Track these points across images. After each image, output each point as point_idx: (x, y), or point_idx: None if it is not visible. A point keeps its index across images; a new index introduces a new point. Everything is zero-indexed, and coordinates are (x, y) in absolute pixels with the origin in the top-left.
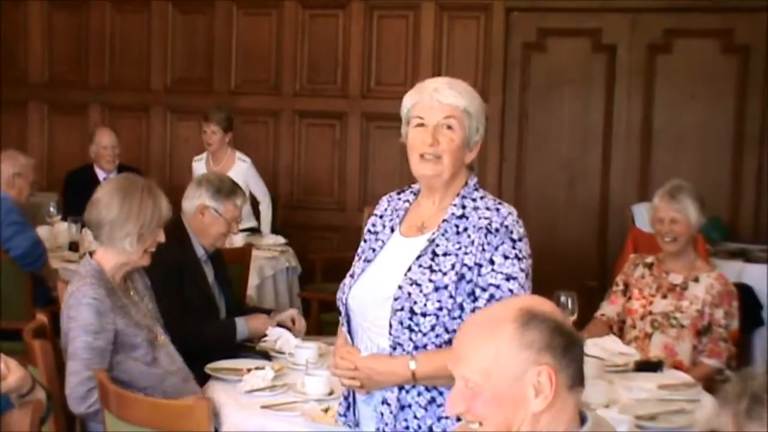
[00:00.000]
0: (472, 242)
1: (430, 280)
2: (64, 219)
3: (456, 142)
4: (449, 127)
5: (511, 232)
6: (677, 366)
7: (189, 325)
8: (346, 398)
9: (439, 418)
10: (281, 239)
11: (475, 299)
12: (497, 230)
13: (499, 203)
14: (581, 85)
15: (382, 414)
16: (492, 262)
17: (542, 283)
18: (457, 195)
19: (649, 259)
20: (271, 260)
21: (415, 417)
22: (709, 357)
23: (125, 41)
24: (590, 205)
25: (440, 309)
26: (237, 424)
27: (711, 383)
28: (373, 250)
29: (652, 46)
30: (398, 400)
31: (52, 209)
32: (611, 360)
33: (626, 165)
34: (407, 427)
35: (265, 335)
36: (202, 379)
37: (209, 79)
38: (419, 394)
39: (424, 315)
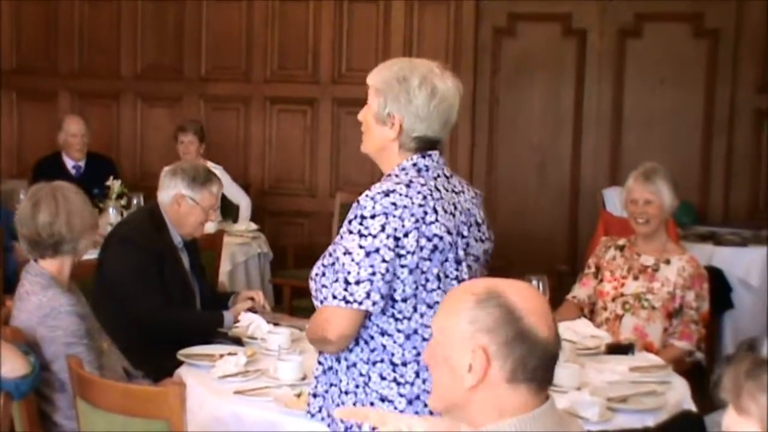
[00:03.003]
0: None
1: (327, 249)
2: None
3: (366, 118)
4: (367, 104)
5: (364, 208)
6: (647, 348)
7: (172, 313)
8: None
9: (331, 385)
10: (253, 225)
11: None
12: (355, 204)
13: (387, 179)
14: (552, 70)
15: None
16: (342, 235)
17: (513, 266)
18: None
19: (621, 242)
20: (242, 246)
21: (327, 381)
22: (680, 339)
23: (94, 28)
24: (561, 190)
25: (316, 274)
26: (209, 409)
27: (681, 365)
28: None
29: (622, 31)
30: (319, 362)
31: (22, 197)
32: (582, 343)
33: (597, 149)
34: (327, 390)
35: (237, 321)
36: (175, 364)
37: (179, 65)
38: (326, 358)
39: (311, 278)
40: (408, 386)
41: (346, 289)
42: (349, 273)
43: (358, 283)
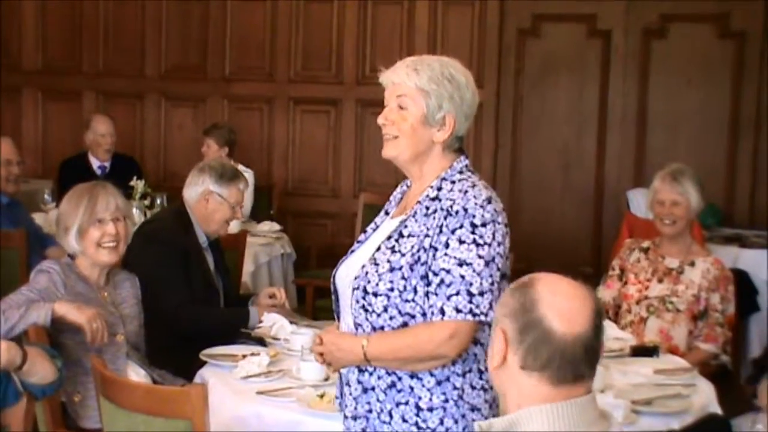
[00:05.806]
0: (435, 225)
1: (388, 261)
2: (58, 207)
3: (409, 121)
4: (401, 107)
5: (473, 216)
6: (672, 350)
7: (198, 310)
8: (340, 381)
9: (397, 404)
10: (276, 226)
11: (429, 283)
12: (456, 213)
13: (473, 185)
14: (576, 71)
15: (345, 396)
16: (447, 245)
17: (537, 268)
18: (438, 177)
19: (645, 244)
20: (265, 247)
21: (378, 400)
22: (705, 342)
23: (119, 28)
24: (585, 191)
25: (391, 290)
26: (232, 409)
27: (706, 368)
28: (365, 232)
29: (647, 31)
30: (359, 382)
31: (47, 197)
32: (607, 345)
33: (621, 151)
34: (370, 410)
35: (261, 321)
36: (198, 364)
37: (204, 65)
38: (379, 377)
39: (375, 295)
40: (492, 391)
41: (471, 301)
42: (471, 284)
43: (482, 294)
